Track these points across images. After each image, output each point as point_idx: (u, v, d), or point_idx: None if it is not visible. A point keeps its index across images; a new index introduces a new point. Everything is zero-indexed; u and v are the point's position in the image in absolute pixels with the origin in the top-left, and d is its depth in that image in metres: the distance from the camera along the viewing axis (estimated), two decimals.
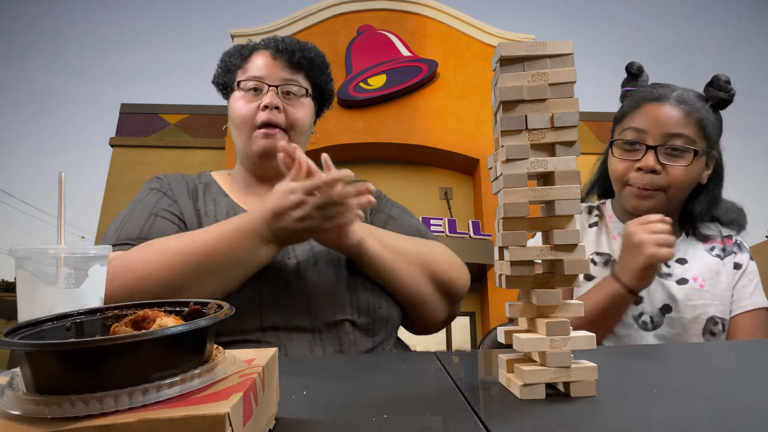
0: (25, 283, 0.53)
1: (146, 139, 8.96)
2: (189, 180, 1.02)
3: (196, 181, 1.02)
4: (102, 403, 0.28)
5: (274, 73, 0.98)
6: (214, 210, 0.95)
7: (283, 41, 1.01)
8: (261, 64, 0.99)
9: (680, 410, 0.43)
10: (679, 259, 1.00)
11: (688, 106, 0.96)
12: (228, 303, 0.39)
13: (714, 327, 0.96)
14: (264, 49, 1.01)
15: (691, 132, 0.95)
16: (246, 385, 0.33)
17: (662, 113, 0.96)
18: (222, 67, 1.04)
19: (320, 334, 0.85)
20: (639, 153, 0.97)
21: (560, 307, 0.48)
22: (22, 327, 0.36)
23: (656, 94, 0.99)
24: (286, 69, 0.99)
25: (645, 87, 1.04)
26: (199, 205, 0.96)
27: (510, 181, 0.48)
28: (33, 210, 61.65)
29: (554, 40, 0.48)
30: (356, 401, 0.47)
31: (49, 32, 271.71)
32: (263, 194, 1.00)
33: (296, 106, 0.99)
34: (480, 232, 7.69)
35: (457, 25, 9.14)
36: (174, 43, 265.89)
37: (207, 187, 1.01)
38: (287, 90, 0.98)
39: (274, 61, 0.99)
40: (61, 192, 0.57)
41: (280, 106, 0.95)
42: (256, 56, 1.00)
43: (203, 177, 1.05)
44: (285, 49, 0.99)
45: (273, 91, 0.96)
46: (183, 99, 18.47)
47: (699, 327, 0.95)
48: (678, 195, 0.98)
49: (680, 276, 0.98)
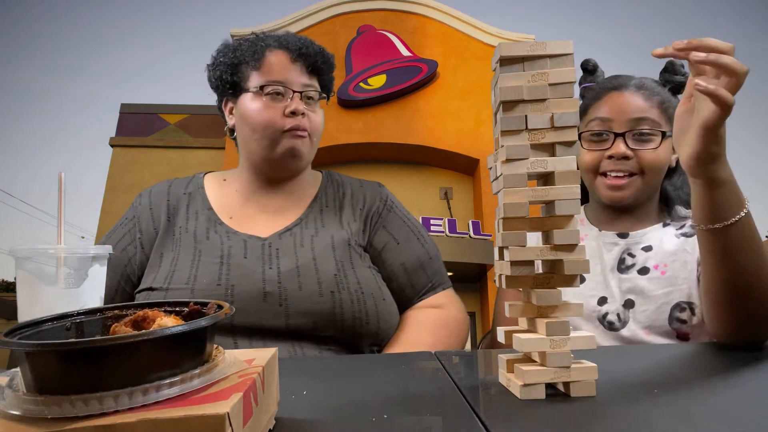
0: (25, 283, 0.53)
1: (146, 139, 8.97)
2: (173, 192, 1.00)
3: (182, 192, 1.00)
4: (102, 403, 0.28)
5: (296, 77, 0.95)
6: (195, 225, 0.94)
7: (297, 42, 0.98)
8: (281, 67, 0.95)
9: (680, 410, 0.43)
10: (645, 246, 0.98)
11: (647, 91, 0.98)
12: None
13: (681, 314, 0.91)
14: (278, 48, 0.97)
15: (654, 115, 0.96)
16: (246, 385, 0.33)
17: (625, 100, 0.97)
18: (229, 65, 0.98)
19: (299, 343, 0.84)
20: (607, 142, 0.97)
21: (560, 307, 0.48)
22: (22, 327, 0.36)
23: (615, 83, 1.00)
24: (305, 74, 0.97)
25: (603, 80, 1.06)
26: (179, 222, 0.95)
27: (510, 181, 0.48)
28: (33, 210, 61.74)
29: (554, 40, 0.48)
30: (356, 401, 0.47)
31: (49, 32, 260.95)
32: (260, 201, 0.99)
33: (315, 111, 0.98)
34: (480, 232, 7.69)
35: (457, 25, 9.14)
36: (174, 43, 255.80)
37: (192, 199, 0.99)
38: (308, 95, 0.97)
39: (293, 64, 0.96)
40: (61, 192, 0.57)
41: (305, 112, 0.94)
42: (272, 56, 0.96)
43: (192, 184, 1.02)
44: (305, 54, 0.97)
45: (297, 96, 0.94)
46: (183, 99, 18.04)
47: (664, 317, 0.91)
48: (654, 179, 0.98)
49: (642, 265, 0.97)
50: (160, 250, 0.93)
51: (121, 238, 0.96)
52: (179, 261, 0.89)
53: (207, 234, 0.92)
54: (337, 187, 1.05)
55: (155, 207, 0.98)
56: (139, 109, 9.28)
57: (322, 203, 1.01)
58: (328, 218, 0.98)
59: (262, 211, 0.98)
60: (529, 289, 0.50)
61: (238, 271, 0.86)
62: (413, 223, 1.05)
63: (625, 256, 0.99)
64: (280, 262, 0.88)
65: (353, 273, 0.90)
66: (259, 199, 0.99)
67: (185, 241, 0.92)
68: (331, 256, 0.90)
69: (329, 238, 0.93)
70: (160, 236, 0.94)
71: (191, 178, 1.05)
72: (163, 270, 0.89)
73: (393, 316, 0.93)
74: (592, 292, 0.98)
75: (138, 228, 0.96)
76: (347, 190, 1.04)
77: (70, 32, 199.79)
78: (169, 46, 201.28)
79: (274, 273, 0.86)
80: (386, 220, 1.02)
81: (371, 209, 1.01)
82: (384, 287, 0.94)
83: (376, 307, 0.89)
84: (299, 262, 0.88)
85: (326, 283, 0.86)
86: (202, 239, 0.91)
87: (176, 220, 0.96)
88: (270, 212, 0.98)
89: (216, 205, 0.98)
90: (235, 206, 0.99)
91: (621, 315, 0.95)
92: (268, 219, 0.97)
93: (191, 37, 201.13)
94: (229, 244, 0.90)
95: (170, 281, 0.86)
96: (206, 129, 8.84)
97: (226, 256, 0.88)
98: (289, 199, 1.00)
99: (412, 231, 1.02)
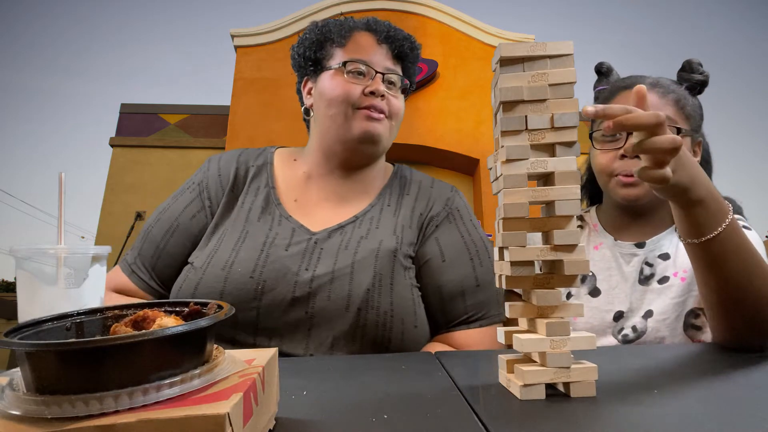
0: (25, 283, 0.53)
1: (146, 139, 8.96)
2: (242, 163, 0.97)
3: (251, 163, 0.97)
4: (102, 403, 0.28)
5: (380, 59, 0.93)
6: (252, 202, 0.92)
7: (385, 26, 0.96)
8: (367, 47, 0.93)
9: (680, 410, 0.43)
10: (662, 254, 0.96)
11: (662, 89, 0.95)
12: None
13: (695, 320, 0.89)
14: (365, 30, 0.95)
15: (670, 113, 0.93)
16: (246, 385, 0.33)
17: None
18: (314, 42, 0.95)
19: (318, 346, 0.81)
20: (621, 141, 0.94)
21: (560, 307, 0.48)
22: (22, 327, 0.36)
23: (629, 82, 0.98)
24: (390, 58, 0.95)
25: (617, 80, 1.04)
26: (240, 194, 0.93)
27: (510, 182, 0.48)
28: (33, 210, 61.66)
29: (554, 41, 0.48)
30: (356, 401, 0.47)
31: (49, 32, 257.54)
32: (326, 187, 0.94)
33: (397, 96, 0.95)
34: None
35: (457, 25, 9.13)
36: (174, 43, 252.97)
37: (258, 172, 0.96)
38: (390, 79, 0.94)
39: (379, 46, 0.94)
40: (61, 192, 0.57)
41: (385, 95, 0.91)
42: (358, 36, 0.94)
43: (262, 157, 0.99)
44: (392, 37, 0.95)
45: (379, 77, 0.92)
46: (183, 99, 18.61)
47: (680, 325, 0.90)
48: None
49: (662, 275, 0.94)
50: (217, 221, 0.91)
51: (189, 204, 0.94)
52: (224, 240, 0.87)
53: (260, 215, 0.90)
54: (403, 184, 0.98)
55: (224, 174, 0.96)
56: (139, 109, 9.27)
57: (384, 201, 0.94)
58: (385, 219, 0.91)
59: (326, 198, 0.94)
60: (528, 290, 0.50)
61: (274, 266, 0.82)
62: (474, 239, 0.92)
63: (643, 266, 0.95)
64: (318, 264, 0.83)
65: (389, 290, 0.82)
66: (324, 184, 0.95)
67: (238, 217, 0.90)
68: (371, 266, 0.83)
69: (376, 244, 0.86)
70: (222, 205, 0.92)
71: (262, 150, 1.01)
72: (209, 247, 0.87)
73: (419, 344, 0.85)
74: (608, 306, 0.95)
75: (207, 195, 0.94)
76: (413, 189, 0.97)
77: (70, 32, 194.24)
78: (169, 46, 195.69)
79: (308, 277, 0.81)
80: (441, 230, 0.92)
81: (431, 215, 0.93)
82: (420, 310, 0.85)
83: (402, 334, 0.81)
84: (336, 266, 0.82)
85: (355, 297, 0.80)
86: (253, 219, 0.89)
87: (240, 191, 0.94)
88: (333, 200, 0.94)
89: (280, 184, 0.95)
90: (300, 188, 0.95)
91: (638, 326, 0.92)
92: (328, 208, 0.93)
93: (191, 37, 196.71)
94: (276, 231, 0.87)
95: (209, 263, 0.84)
96: (206, 129, 8.83)
97: (269, 244, 0.85)
98: (355, 189, 0.95)
99: (467, 249, 0.90)
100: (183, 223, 0.92)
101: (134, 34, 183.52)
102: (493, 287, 0.90)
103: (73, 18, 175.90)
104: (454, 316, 0.87)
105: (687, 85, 0.99)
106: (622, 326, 0.93)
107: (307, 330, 0.80)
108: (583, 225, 1.08)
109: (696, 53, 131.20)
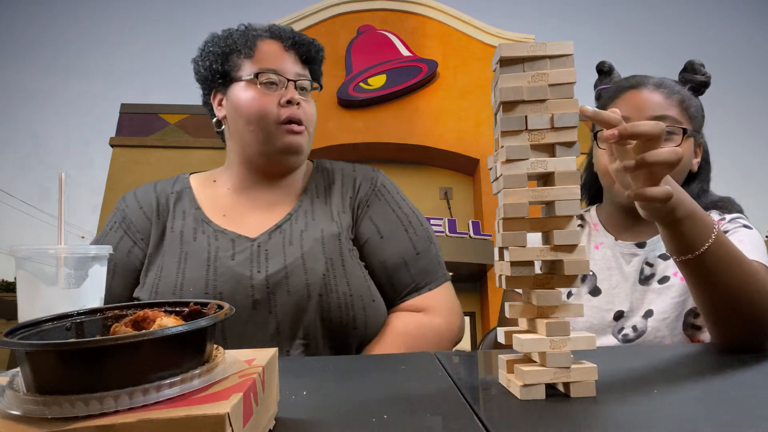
0: (25, 283, 0.53)
1: (146, 139, 8.96)
2: (161, 192, 0.97)
3: (169, 191, 0.97)
4: (102, 403, 0.28)
5: (290, 66, 0.93)
6: (182, 225, 0.92)
7: (289, 32, 0.97)
8: (275, 56, 0.93)
9: (680, 410, 0.43)
10: (662, 254, 0.95)
11: (667, 89, 0.95)
12: None
13: (695, 320, 0.89)
14: (270, 38, 0.95)
15: (675, 113, 0.93)
16: (246, 385, 0.33)
17: (643, 98, 0.94)
18: (220, 54, 0.95)
19: (290, 344, 0.83)
20: None
21: (560, 307, 0.48)
22: (22, 327, 0.36)
23: (633, 82, 0.97)
24: (298, 63, 0.95)
25: (620, 79, 1.03)
26: (168, 221, 0.93)
27: (510, 182, 0.48)
28: (33, 210, 61.68)
29: (554, 41, 0.48)
30: (356, 401, 0.47)
31: (49, 32, 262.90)
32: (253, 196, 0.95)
33: (309, 101, 0.95)
34: (480, 232, 7.69)
35: (457, 25, 9.13)
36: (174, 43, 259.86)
37: (179, 198, 0.96)
38: (302, 85, 0.95)
39: (287, 53, 0.94)
40: (61, 192, 0.57)
41: (300, 102, 0.92)
42: (264, 45, 0.94)
43: (178, 184, 0.99)
44: (298, 43, 0.96)
45: (292, 85, 0.92)
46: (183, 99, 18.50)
47: (680, 324, 0.90)
48: (676, 179, 0.96)
49: (662, 275, 0.94)
50: (151, 251, 0.91)
51: (119, 242, 0.92)
52: (164, 266, 0.87)
53: (194, 235, 0.90)
54: (326, 175, 1.00)
55: (145, 206, 0.95)
56: (139, 109, 9.27)
57: (313, 194, 0.96)
58: (318, 210, 0.94)
59: (255, 206, 0.95)
60: (529, 290, 0.50)
61: (226, 276, 0.84)
62: (405, 212, 0.97)
63: (644, 266, 0.95)
64: (269, 264, 0.85)
65: (343, 272, 0.86)
66: (251, 195, 0.96)
67: (172, 242, 0.90)
68: (320, 253, 0.86)
69: (319, 233, 0.89)
70: (153, 235, 0.92)
71: (176, 178, 1.01)
72: (150, 279, 0.87)
73: (381, 317, 0.90)
74: (609, 306, 0.95)
75: (135, 229, 0.93)
76: (337, 177, 0.99)
77: (70, 32, 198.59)
78: (169, 46, 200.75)
79: (263, 277, 0.84)
80: (373, 208, 0.95)
81: (360, 196, 0.96)
82: (373, 285, 0.91)
83: (364, 311, 0.86)
84: (287, 261, 0.85)
85: (314, 285, 0.83)
86: (188, 240, 0.89)
87: (166, 219, 0.93)
88: (263, 207, 0.95)
89: (205, 204, 0.95)
90: (227, 204, 0.95)
91: (638, 326, 0.92)
92: (260, 215, 0.94)
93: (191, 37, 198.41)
94: (217, 245, 0.88)
95: (156, 291, 0.84)
96: (206, 129, 8.83)
97: (213, 258, 0.86)
98: (282, 193, 0.97)
99: (401, 222, 0.95)
100: (120, 261, 0.91)
101: (134, 34, 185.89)
102: (431, 252, 0.95)
103: (73, 18, 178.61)
104: (403, 286, 0.92)
105: (689, 86, 0.99)
106: (623, 326, 0.93)
107: (275, 329, 0.82)
108: (584, 224, 1.07)
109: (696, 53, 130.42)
